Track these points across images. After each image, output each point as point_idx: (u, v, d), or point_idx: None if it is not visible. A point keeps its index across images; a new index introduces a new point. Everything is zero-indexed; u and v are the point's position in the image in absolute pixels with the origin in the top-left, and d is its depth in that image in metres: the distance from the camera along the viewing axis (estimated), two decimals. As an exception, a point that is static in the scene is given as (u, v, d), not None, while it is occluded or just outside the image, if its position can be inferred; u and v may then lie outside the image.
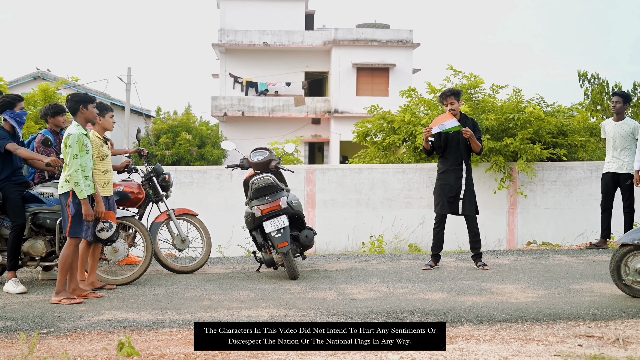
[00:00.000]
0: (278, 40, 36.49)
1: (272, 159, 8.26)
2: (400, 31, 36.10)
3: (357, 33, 35.90)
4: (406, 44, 35.79)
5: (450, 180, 8.24)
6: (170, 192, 8.70)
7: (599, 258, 9.07)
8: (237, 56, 37.08)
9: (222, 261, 9.55)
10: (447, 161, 8.29)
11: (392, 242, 12.47)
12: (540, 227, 13.04)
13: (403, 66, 35.77)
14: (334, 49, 35.75)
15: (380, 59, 35.63)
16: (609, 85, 22.17)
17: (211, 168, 13.57)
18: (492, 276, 7.75)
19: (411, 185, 13.02)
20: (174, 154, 31.09)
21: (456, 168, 8.24)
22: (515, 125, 13.00)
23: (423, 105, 14.40)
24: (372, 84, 35.73)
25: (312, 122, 36.96)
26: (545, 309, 5.88)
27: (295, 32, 36.74)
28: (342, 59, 35.61)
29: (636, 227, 6.52)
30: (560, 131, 13.64)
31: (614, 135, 9.77)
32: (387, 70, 35.81)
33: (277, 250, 7.57)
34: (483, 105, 13.74)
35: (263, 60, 37.03)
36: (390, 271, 8.28)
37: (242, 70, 36.95)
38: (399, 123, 13.96)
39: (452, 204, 8.26)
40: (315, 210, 13.07)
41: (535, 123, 13.03)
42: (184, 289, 7.22)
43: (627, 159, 9.65)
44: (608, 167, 9.91)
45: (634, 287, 6.28)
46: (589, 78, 22.44)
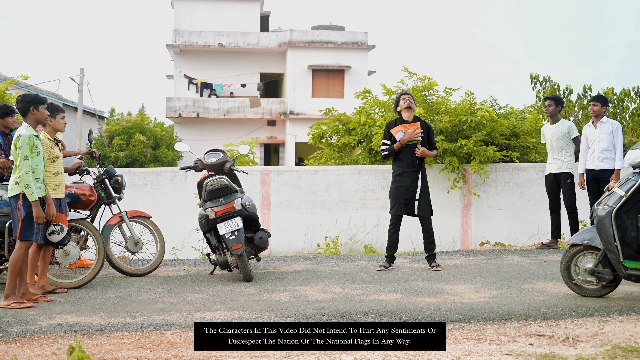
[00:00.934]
0: (233, 42, 36.33)
1: (226, 161, 8.21)
2: (356, 33, 36.26)
3: (313, 35, 35.95)
4: (361, 46, 35.96)
5: (405, 182, 8.30)
6: (123, 194, 8.61)
7: (550, 258, 9.22)
8: (192, 57, 36.82)
9: (176, 263, 9.47)
10: (402, 163, 8.36)
11: (347, 244, 12.51)
12: (494, 227, 13.21)
13: (358, 68, 35.93)
14: (290, 50, 35.74)
15: (335, 60, 35.74)
16: (560, 87, 22.60)
17: (165, 170, 13.45)
18: (446, 277, 7.82)
19: (366, 186, 13.08)
20: (128, 156, 30.73)
21: (411, 170, 8.31)
22: (468, 127, 13.15)
23: (378, 107, 14.49)
24: (328, 85, 35.81)
25: (268, 123, 36.88)
26: (497, 309, 5.95)
27: (251, 33, 36.63)
28: (298, 61, 35.61)
29: (586, 228, 6.65)
30: (512, 133, 13.85)
31: (552, 137, 10.04)
32: (342, 72, 35.93)
33: (232, 252, 7.53)
34: (437, 107, 13.86)
35: (218, 61, 36.83)
36: (344, 272, 8.30)
37: (196, 72, 36.69)
38: (354, 124, 14.02)
39: (408, 206, 8.33)
40: (270, 211, 13.04)
41: (488, 125, 13.20)
42: (136, 292, 7.13)
43: (566, 159, 9.92)
44: (549, 168, 10.15)
45: (584, 286, 6.40)
46: (541, 81, 22.83)
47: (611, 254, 6.09)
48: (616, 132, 9.47)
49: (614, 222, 6.07)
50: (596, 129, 9.58)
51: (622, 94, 22.44)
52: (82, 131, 31.29)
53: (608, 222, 6.09)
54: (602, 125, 9.55)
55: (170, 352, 4.81)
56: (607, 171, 9.42)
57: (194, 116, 35.61)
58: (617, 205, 6.09)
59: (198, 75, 36.63)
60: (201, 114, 35.67)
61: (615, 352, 4.65)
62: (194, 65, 36.86)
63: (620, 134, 9.48)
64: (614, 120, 9.67)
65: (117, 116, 36.53)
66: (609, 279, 6.26)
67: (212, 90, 36.37)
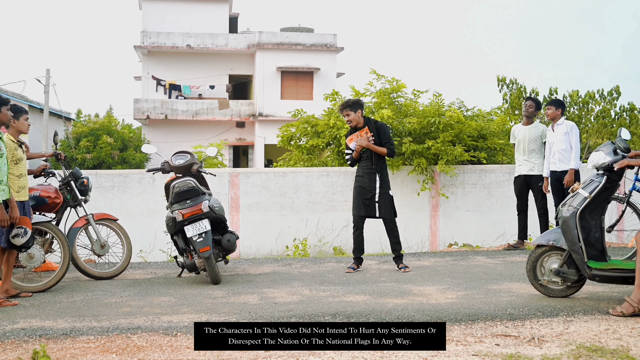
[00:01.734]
0: (202, 43, 36.16)
1: (193, 163, 8.16)
2: (324, 35, 36.32)
3: (282, 37, 35.92)
4: (330, 48, 36.02)
5: (364, 183, 8.36)
6: (89, 197, 8.52)
7: (516, 259, 9.31)
8: (160, 58, 36.58)
9: (144, 266, 9.39)
10: (362, 165, 8.43)
11: (316, 245, 12.52)
12: (462, 228, 13.31)
13: (327, 70, 35.99)
14: (259, 52, 35.68)
15: (304, 62, 35.75)
16: (526, 90, 22.85)
17: (133, 172, 13.34)
18: (414, 278, 7.86)
19: (335, 188, 13.10)
20: (95, 158, 30.42)
21: (370, 172, 8.37)
22: (436, 129, 13.24)
23: (347, 109, 14.50)
24: (297, 87, 35.81)
25: (237, 125, 36.77)
26: (464, 310, 5.99)
27: (219, 35, 36.49)
28: (267, 63, 35.57)
29: (552, 228, 6.73)
30: (480, 134, 13.97)
31: (524, 138, 10.11)
32: (311, 74, 35.95)
33: (199, 255, 7.49)
34: (405, 109, 13.94)
35: (186, 62, 36.63)
36: (313, 274, 8.30)
37: (165, 73, 36.47)
38: (322, 127, 14.04)
39: (368, 207, 8.36)
40: (239, 214, 13.00)
41: (455, 126, 13.30)
42: (103, 296, 7.06)
43: (537, 162, 10.01)
44: (519, 170, 10.24)
45: (550, 286, 6.47)
46: (508, 83, 23.07)
47: (576, 254, 6.16)
48: (571, 132, 9.56)
49: (578, 223, 6.15)
50: (554, 131, 9.71)
51: (587, 96, 22.76)
52: (48, 133, 30.92)
53: (572, 223, 6.17)
54: (559, 128, 9.66)
55: (137, 355, 4.76)
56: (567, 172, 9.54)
57: (162, 118, 35.38)
58: (581, 207, 6.17)
59: (166, 77, 36.40)
60: (169, 116, 35.45)
61: (580, 351, 4.71)
62: (162, 66, 36.62)
63: (575, 134, 9.57)
64: (569, 121, 9.78)
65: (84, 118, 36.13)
66: (574, 279, 6.33)
67: (180, 92, 36.17)
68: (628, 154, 6.20)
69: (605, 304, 6.16)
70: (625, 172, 6.26)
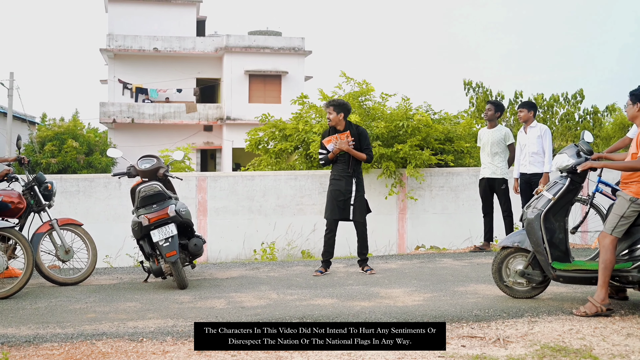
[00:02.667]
0: (169, 46, 35.94)
1: (160, 167, 8.10)
2: (292, 39, 36.32)
3: (249, 40, 35.86)
4: (298, 51, 36.03)
5: (341, 186, 8.37)
6: (53, 202, 8.40)
7: (482, 261, 9.39)
8: (127, 62, 36.28)
9: (109, 272, 9.29)
10: (338, 168, 8.43)
11: (284, 249, 12.50)
12: (429, 231, 13.38)
13: (295, 73, 35.99)
14: (226, 55, 35.57)
15: (272, 66, 35.72)
16: (492, 93, 23.05)
17: (98, 176, 13.21)
18: (381, 281, 7.88)
19: (303, 192, 13.09)
20: (60, 162, 30.07)
21: (346, 175, 8.38)
22: (404, 133, 13.30)
23: (315, 112, 14.53)
24: (265, 91, 35.76)
25: (204, 129, 36.60)
26: (431, 312, 6.02)
27: (187, 38, 36.31)
28: (234, 66, 35.47)
29: (517, 230, 6.80)
30: (447, 138, 14.07)
31: (488, 141, 10.22)
32: (279, 78, 35.94)
33: (166, 260, 7.43)
34: (373, 113, 13.99)
35: (153, 66, 36.38)
36: (280, 278, 8.28)
37: (131, 76, 36.18)
38: (290, 130, 14.04)
39: (343, 210, 8.38)
40: (207, 218, 12.93)
41: (423, 130, 13.38)
42: (67, 302, 6.97)
43: (500, 164, 10.12)
44: (483, 172, 10.33)
45: (515, 288, 6.53)
46: (474, 87, 23.26)
47: (540, 255, 6.23)
48: (544, 136, 9.71)
49: (543, 225, 6.22)
50: (526, 134, 9.81)
51: (552, 99, 23.04)
52: (11, 137, 30.53)
53: (537, 224, 6.24)
54: (532, 130, 9.78)
55: (101, 362, 4.72)
56: (538, 175, 9.65)
57: (128, 121, 35.09)
58: (546, 208, 6.25)
59: (133, 80, 36.12)
60: (136, 120, 35.16)
61: (544, 351, 4.76)
62: (129, 70, 36.33)
63: (548, 137, 9.71)
64: (542, 125, 9.91)
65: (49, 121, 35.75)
66: (539, 280, 6.40)
67: (147, 96, 35.91)
68: (591, 157, 6.29)
69: (569, 305, 6.24)
70: (588, 174, 6.35)
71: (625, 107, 6.25)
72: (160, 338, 5.28)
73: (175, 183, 8.74)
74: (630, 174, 5.91)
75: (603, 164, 6.07)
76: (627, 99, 6.19)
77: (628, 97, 6.13)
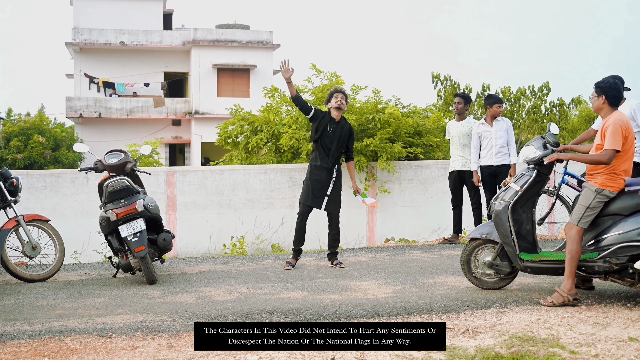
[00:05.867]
0: (136, 40, 35.62)
1: (127, 161, 8.04)
2: (260, 32, 36.20)
3: (217, 33, 35.66)
4: (266, 45, 35.94)
5: (321, 177, 8.43)
6: (19, 198, 8.30)
7: (451, 252, 9.46)
8: (93, 56, 35.88)
9: (77, 268, 9.20)
10: (322, 156, 8.46)
11: (254, 243, 12.47)
12: (399, 224, 13.43)
13: (263, 67, 35.90)
14: (194, 49, 35.35)
15: (240, 59, 35.58)
16: (460, 87, 23.16)
17: (65, 171, 13.04)
18: (351, 274, 7.90)
19: (273, 185, 13.07)
20: (26, 158, 29.68)
21: (328, 167, 8.44)
22: (375, 126, 13.32)
23: (285, 105, 14.49)
24: (233, 84, 35.62)
25: (173, 123, 36.37)
26: (400, 304, 6.05)
27: (154, 31, 36.01)
28: (202, 60, 35.27)
29: (485, 222, 6.86)
30: (416, 131, 14.12)
31: (457, 134, 10.34)
32: (247, 71, 35.81)
33: (134, 255, 7.38)
34: (342, 106, 13.95)
35: (120, 60, 36.03)
36: (250, 272, 8.27)
37: (98, 71, 35.79)
38: (260, 122, 13.99)
39: (318, 199, 8.42)
40: (176, 212, 12.85)
41: (393, 123, 13.40)
42: (34, 298, 6.89)
43: (470, 157, 10.20)
44: (453, 165, 10.43)
45: (483, 279, 6.59)
46: (442, 80, 23.34)
47: (508, 247, 6.30)
48: (510, 129, 9.95)
49: (510, 216, 6.29)
50: (492, 127, 9.91)
51: (519, 92, 23.22)
52: (-24, 133, 30.03)
53: (505, 216, 6.30)
54: (498, 124, 9.91)
55: (70, 358, 4.67)
56: (504, 166, 9.81)
57: (95, 116, 34.73)
58: (513, 200, 6.31)
59: (99, 74, 35.74)
60: (103, 114, 34.81)
61: (512, 341, 4.81)
62: (95, 64, 35.94)
63: (512, 130, 10.01)
64: (506, 118, 10.11)
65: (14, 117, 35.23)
66: (507, 271, 6.47)
67: (114, 90, 35.57)
68: (557, 148, 6.37)
69: (536, 295, 6.31)
70: (554, 166, 6.42)
71: (591, 99, 6.32)
72: (130, 334, 5.24)
73: (144, 178, 8.68)
74: (596, 166, 5.99)
75: (569, 156, 6.15)
76: (592, 90, 6.27)
77: (593, 89, 6.21)
